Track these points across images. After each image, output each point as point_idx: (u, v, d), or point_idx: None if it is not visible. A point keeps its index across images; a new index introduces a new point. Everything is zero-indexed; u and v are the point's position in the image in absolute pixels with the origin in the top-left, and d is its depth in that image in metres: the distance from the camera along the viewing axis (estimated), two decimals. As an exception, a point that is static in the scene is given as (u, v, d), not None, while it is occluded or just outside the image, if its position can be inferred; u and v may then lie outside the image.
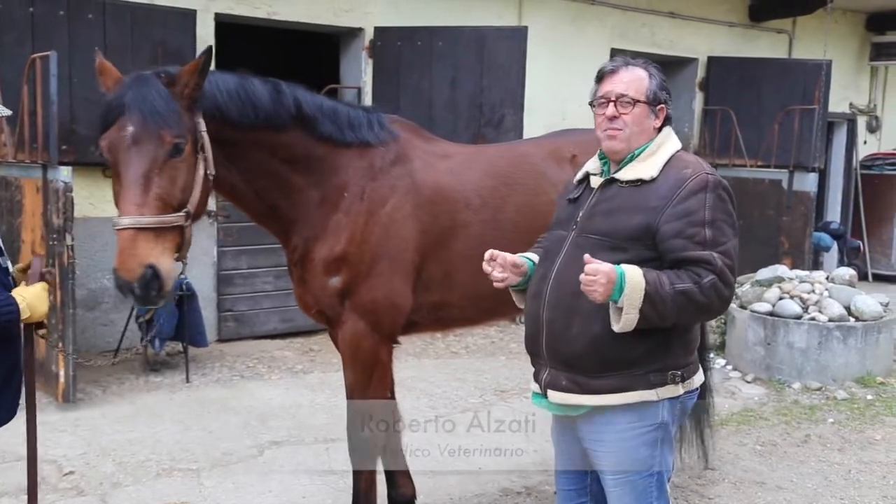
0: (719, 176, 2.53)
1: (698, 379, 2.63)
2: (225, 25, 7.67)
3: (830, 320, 6.56)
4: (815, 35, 11.56)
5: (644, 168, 2.53)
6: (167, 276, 2.74)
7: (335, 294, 3.32)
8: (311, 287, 3.37)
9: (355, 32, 8.27)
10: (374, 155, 3.37)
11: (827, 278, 7.26)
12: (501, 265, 2.69)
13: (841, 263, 11.31)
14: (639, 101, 2.57)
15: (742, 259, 8.86)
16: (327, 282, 3.30)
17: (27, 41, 6.34)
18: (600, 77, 2.65)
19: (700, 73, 10.76)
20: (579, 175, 2.77)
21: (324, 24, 8.08)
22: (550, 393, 2.59)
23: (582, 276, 2.36)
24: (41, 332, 2.90)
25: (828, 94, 10.10)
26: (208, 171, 2.94)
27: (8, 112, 2.91)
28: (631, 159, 2.58)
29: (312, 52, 10.95)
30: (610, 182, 2.59)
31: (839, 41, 12.00)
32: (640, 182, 2.52)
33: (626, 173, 2.56)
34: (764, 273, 7.37)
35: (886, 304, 6.95)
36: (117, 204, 2.80)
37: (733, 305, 7.10)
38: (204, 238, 7.48)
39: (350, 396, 3.46)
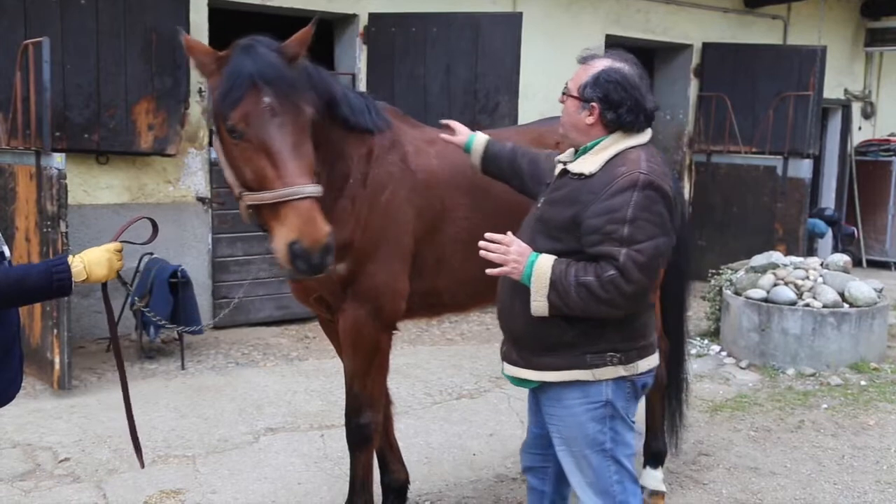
0: (656, 177, 2.52)
1: (646, 363, 2.70)
2: (218, 11, 7.63)
3: (825, 306, 6.58)
4: (810, 21, 11.56)
5: (589, 163, 2.60)
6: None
7: (339, 281, 3.31)
8: None
9: (349, 19, 8.24)
10: (372, 141, 3.37)
11: (821, 265, 7.28)
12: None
13: (835, 250, 11.36)
14: (571, 95, 2.67)
15: (736, 245, 8.85)
16: (334, 267, 3.29)
17: (19, 27, 6.29)
18: None
19: (695, 59, 10.74)
20: (556, 158, 2.89)
21: (318, 10, 8.03)
22: (505, 365, 2.80)
23: (483, 243, 2.58)
24: (125, 287, 2.97)
25: (822, 80, 10.09)
26: None
27: None
28: (584, 151, 2.65)
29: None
30: (564, 172, 2.70)
31: (834, 27, 11.99)
32: (582, 176, 2.60)
33: (575, 165, 2.64)
34: (758, 259, 7.38)
35: (880, 291, 6.97)
36: (263, 177, 2.70)
37: (727, 292, 7.12)
38: (198, 225, 7.47)
39: (350, 384, 3.46)
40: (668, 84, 11.05)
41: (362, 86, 8.16)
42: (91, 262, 2.60)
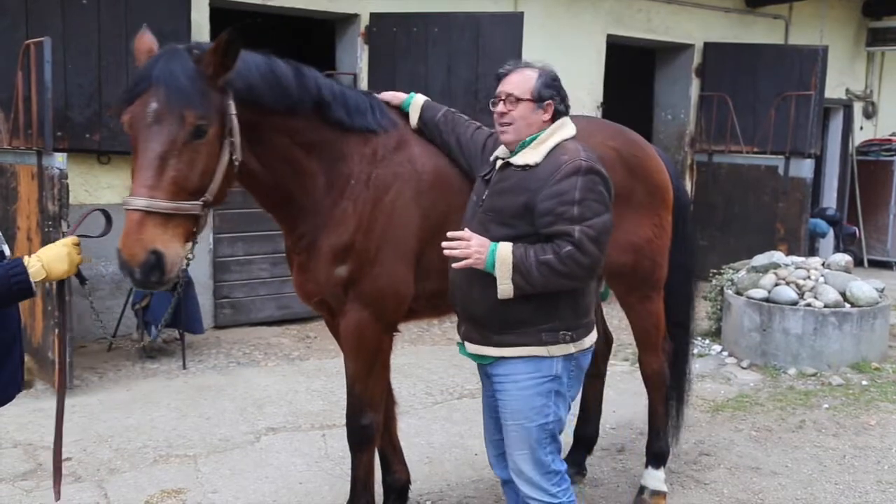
0: (594, 162, 2.85)
1: (589, 340, 3.00)
2: (220, 11, 7.63)
3: (826, 306, 6.58)
4: (812, 20, 11.55)
5: (532, 155, 2.88)
6: (171, 264, 2.61)
7: (340, 283, 3.27)
8: (315, 275, 3.31)
9: (351, 18, 8.24)
10: (376, 142, 3.32)
11: (823, 264, 7.27)
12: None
13: (837, 249, 11.35)
14: (523, 99, 2.91)
15: (737, 245, 8.83)
16: (333, 271, 3.25)
17: (21, 27, 6.30)
18: (497, 79, 3.02)
19: (696, 59, 10.73)
20: (493, 157, 3.09)
21: (319, 9, 8.04)
22: (467, 344, 3.04)
23: (446, 243, 2.80)
24: (83, 284, 2.87)
25: (824, 79, 10.08)
26: (234, 157, 2.82)
27: None
28: (523, 146, 2.92)
29: (308, 39, 10.89)
30: (506, 165, 2.95)
31: (835, 26, 11.98)
32: (527, 167, 2.87)
33: (518, 159, 2.91)
34: (760, 259, 7.38)
35: (882, 290, 6.96)
36: (132, 180, 2.68)
37: (729, 292, 7.12)
38: (200, 225, 7.46)
39: (351, 385, 3.43)
40: (670, 84, 11.04)
41: (364, 85, 8.15)
42: (50, 259, 2.55)
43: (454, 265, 2.83)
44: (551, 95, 2.92)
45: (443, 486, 4.44)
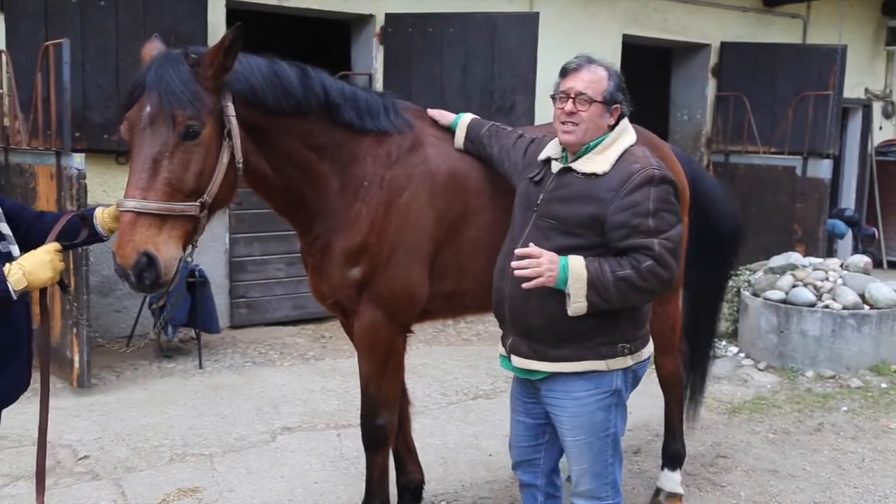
0: (665, 171, 2.74)
1: (647, 351, 2.91)
2: (236, 12, 7.66)
3: (844, 308, 6.52)
4: (830, 20, 11.46)
5: (598, 162, 2.74)
6: (165, 266, 2.61)
7: (353, 285, 3.27)
8: (328, 277, 3.31)
9: (366, 19, 8.25)
10: (391, 143, 3.30)
11: (841, 266, 7.21)
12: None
13: (855, 251, 11.25)
14: (595, 101, 2.75)
15: (755, 246, 8.75)
16: (347, 273, 3.24)
17: (40, 28, 6.36)
18: (564, 73, 2.85)
19: (713, 58, 10.67)
20: (542, 156, 2.96)
21: (334, 10, 8.06)
22: (514, 357, 2.90)
23: (515, 262, 2.65)
24: (65, 291, 2.83)
25: (843, 79, 9.98)
26: (236, 160, 2.82)
27: None
28: (587, 150, 2.78)
29: (323, 39, 10.92)
30: (567, 170, 2.80)
31: (854, 25, 11.88)
32: (594, 175, 2.73)
33: (582, 165, 2.77)
34: (777, 260, 7.33)
35: (901, 292, 6.90)
36: None
37: (746, 293, 7.08)
38: (216, 225, 7.50)
39: (365, 386, 3.43)
40: (686, 84, 10.99)
41: (379, 86, 8.17)
42: (33, 266, 2.52)
43: (525, 285, 2.66)
44: (620, 100, 2.81)
45: (457, 487, 4.44)
